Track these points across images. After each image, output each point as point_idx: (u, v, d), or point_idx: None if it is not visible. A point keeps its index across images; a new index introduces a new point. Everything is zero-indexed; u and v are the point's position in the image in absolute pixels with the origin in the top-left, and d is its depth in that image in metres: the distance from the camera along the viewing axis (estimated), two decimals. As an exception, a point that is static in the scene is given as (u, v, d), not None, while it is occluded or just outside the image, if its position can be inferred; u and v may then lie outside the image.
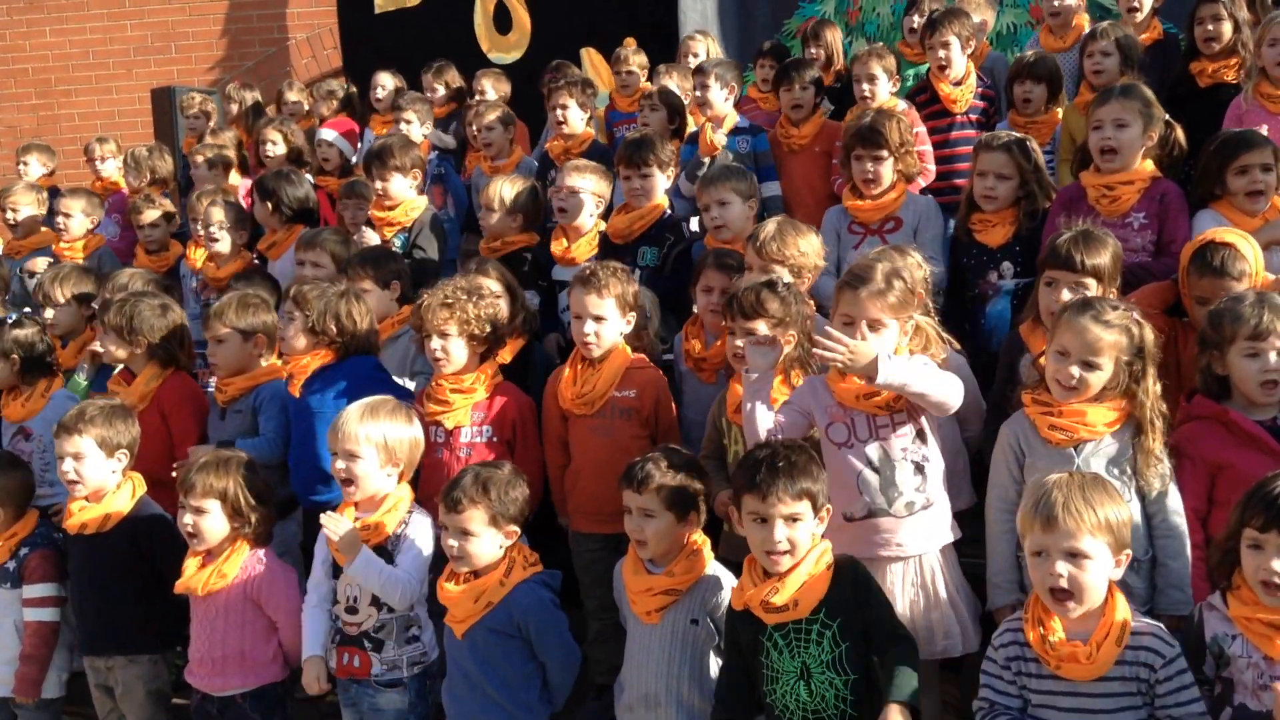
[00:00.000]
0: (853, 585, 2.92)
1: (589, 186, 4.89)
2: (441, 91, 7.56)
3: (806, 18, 9.25)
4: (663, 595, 3.11)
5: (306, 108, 8.42)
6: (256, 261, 5.91)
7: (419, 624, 3.53)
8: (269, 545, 3.72)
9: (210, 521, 3.58)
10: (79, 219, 6.50)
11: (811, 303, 3.64)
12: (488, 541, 3.23)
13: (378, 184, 5.36)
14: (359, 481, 3.45)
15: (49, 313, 5.15)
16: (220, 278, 5.64)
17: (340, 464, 3.45)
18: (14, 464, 4.17)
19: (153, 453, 4.18)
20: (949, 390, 3.11)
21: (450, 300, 3.83)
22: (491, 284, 4.15)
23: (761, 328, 3.39)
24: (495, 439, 3.91)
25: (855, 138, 4.48)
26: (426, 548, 3.48)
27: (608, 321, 3.77)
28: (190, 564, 3.64)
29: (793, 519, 2.84)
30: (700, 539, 3.16)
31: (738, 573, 3.08)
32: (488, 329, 3.90)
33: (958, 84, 5.62)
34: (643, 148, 4.75)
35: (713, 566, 3.16)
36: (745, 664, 2.99)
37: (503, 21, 9.45)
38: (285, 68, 11.66)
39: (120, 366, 4.56)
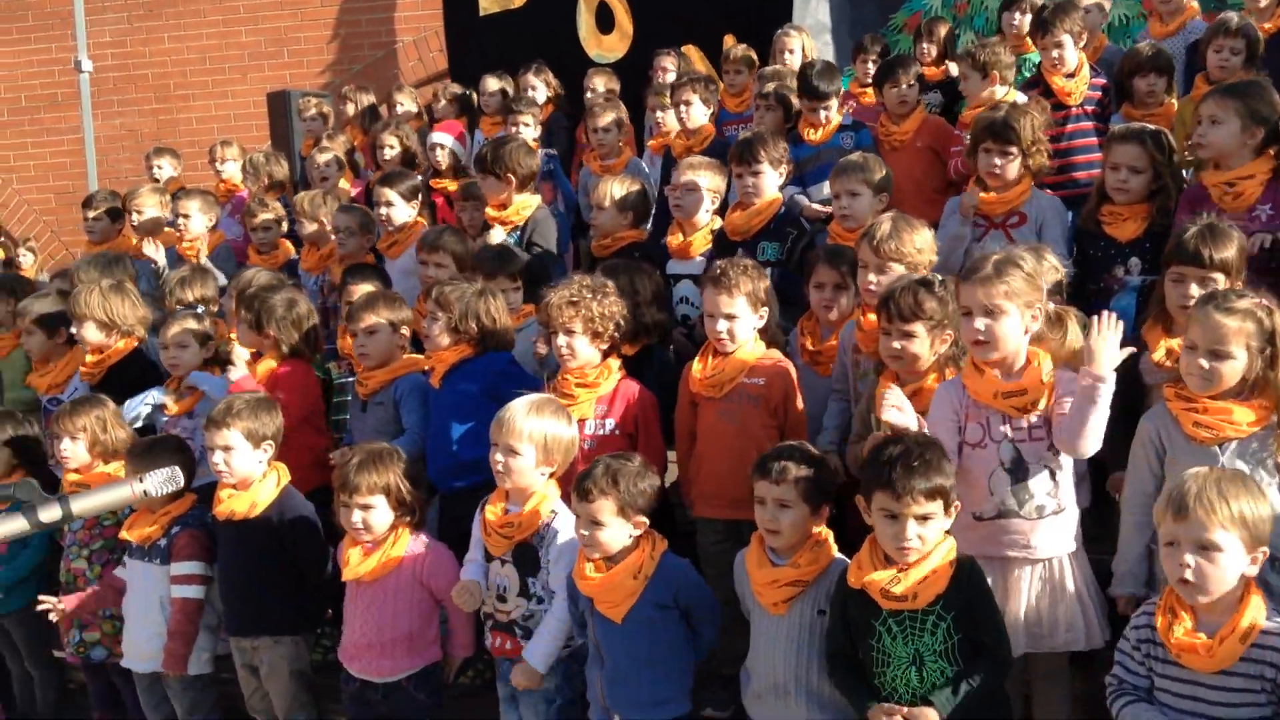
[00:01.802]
0: (969, 585, 2.96)
1: (705, 182, 4.99)
2: (543, 91, 7.70)
3: (913, 12, 9.26)
4: (789, 586, 3.18)
5: (416, 110, 8.65)
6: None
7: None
8: (424, 529, 3.89)
9: (377, 516, 3.76)
10: (197, 218, 6.74)
11: None
12: (616, 531, 3.34)
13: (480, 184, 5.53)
14: (514, 476, 3.59)
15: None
16: (343, 280, 5.84)
17: (499, 456, 3.59)
18: (179, 447, 4.38)
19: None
20: (1094, 443, 3.10)
21: (575, 299, 3.95)
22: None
23: (920, 329, 3.44)
24: (617, 431, 4.02)
25: (986, 131, 4.48)
26: (574, 546, 3.58)
27: (740, 319, 3.85)
28: (354, 553, 3.82)
29: (924, 518, 2.90)
30: (824, 531, 3.22)
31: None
32: (611, 327, 4.00)
33: (1071, 76, 5.59)
34: (753, 146, 4.82)
35: (838, 558, 3.22)
36: (852, 640, 3.05)
37: (605, 21, 9.55)
38: (393, 70, 11.94)
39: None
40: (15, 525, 2.06)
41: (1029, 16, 6.45)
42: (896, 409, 3.24)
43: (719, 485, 3.86)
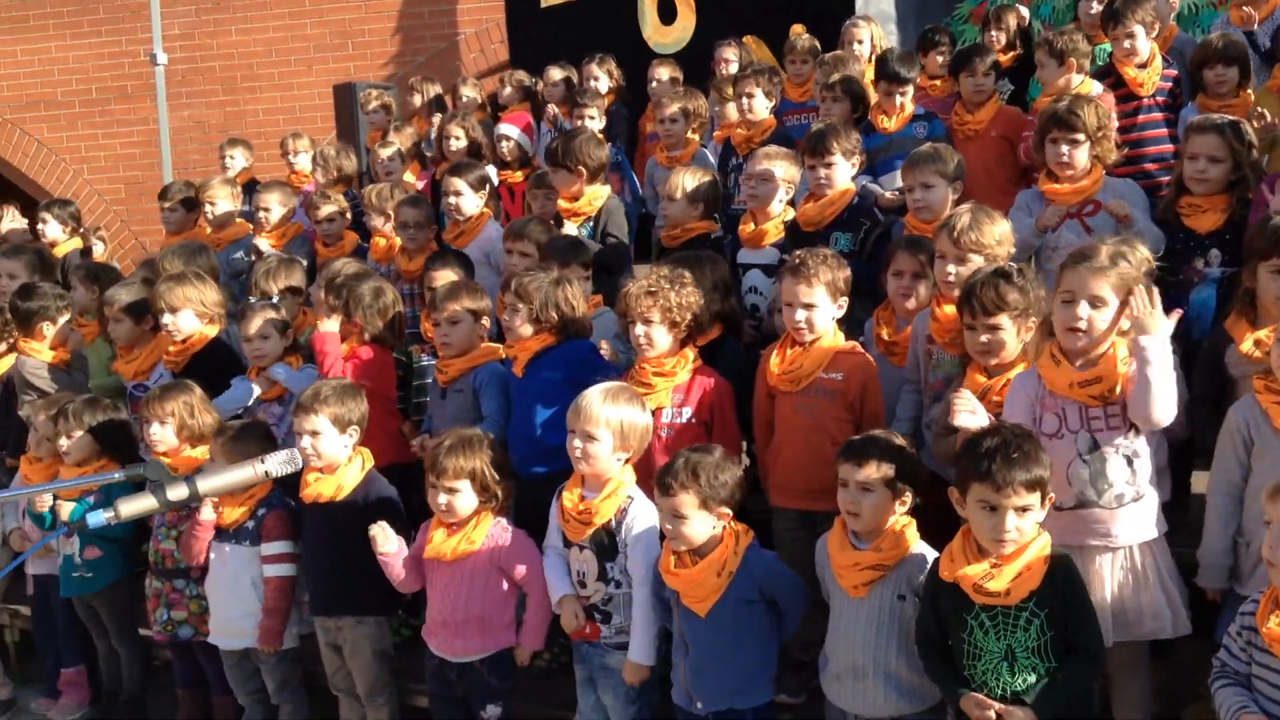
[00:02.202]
0: (1064, 582, 2.98)
1: (780, 172, 5.02)
2: (605, 81, 7.75)
3: (979, 1, 9.19)
4: (870, 570, 3.23)
5: (480, 101, 8.74)
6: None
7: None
8: (507, 515, 3.98)
9: (462, 500, 3.86)
10: (275, 210, 6.83)
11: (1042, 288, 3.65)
12: (699, 524, 3.39)
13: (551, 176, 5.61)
14: (592, 462, 3.66)
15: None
16: (412, 269, 5.95)
17: (577, 443, 3.66)
18: (266, 434, 4.53)
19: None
20: (1167, 407, 3.13)
21: (654, 289, 4.01)
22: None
23: (1005, 321, 3.47)
24: (694, 420, 4.08)
25: (1051, 121, 4.47)
26: (655, 535, 3.66)
27: (818, 309, 3.88)
28: (438, 533, 3.92)
29: (1023, 509, 2.93)
30: (906, 519, 3.26)
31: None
32: (689, 317, 4.05)
33: (1143, 67, 5.57)
34: (825, 138, 4.83)
35: (918, 545, 3.26)
36: (943, 629, 3.09)
37: (667, 11, 9.58)
38: (455, 62, 12.07)
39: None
40: (145, 503, 2.17)
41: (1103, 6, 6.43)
42: (970, 413, 3.29)
43: (794, 477, 3.90)
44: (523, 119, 7.62)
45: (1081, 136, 4.44)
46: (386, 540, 3.92)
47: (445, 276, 5.02)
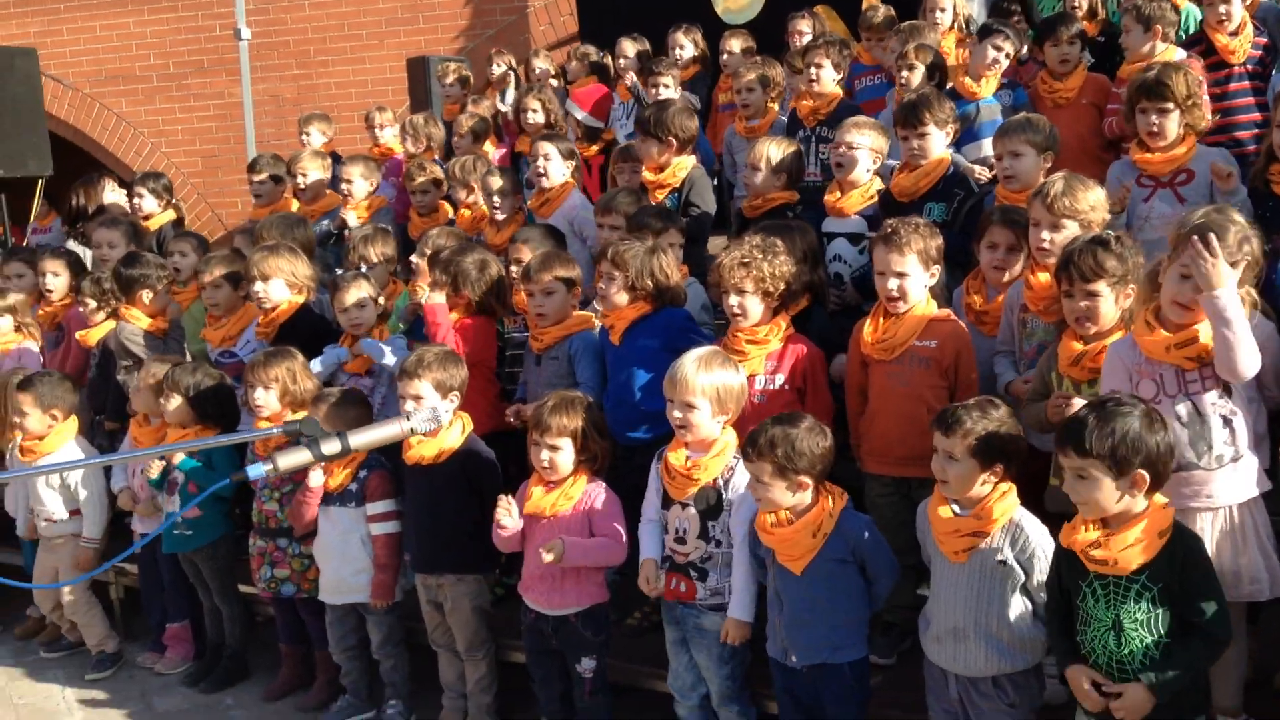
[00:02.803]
0: (1184, 558, 2.97)
1: (866, 142, 5.05)
2: (690, 50, 7.79)
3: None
4: (970, 536, 3.29)
5: (553, 73, 8.82)
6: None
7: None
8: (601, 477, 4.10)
9: (563, 457, 3.98)
10: (359, 183, 6.98)
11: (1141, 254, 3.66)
12: (778, 491, 3.47)
13: (639, 147, 5.68)
14: (693, 428, 3.76)
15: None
16: (498, 242, 6.06)
17: (677, 413, 3.76)
18: (360, 400, 4.70)
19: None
20: (1250, 357, 3.16)
21: (747, 259, 4.07)
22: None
23: (1103, 288, 3.51)
24: (786, 387, 4.15)
25: (1140, 90, 4.46)
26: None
27: (910, 277, 3.92)
28: (536, 490, 4.05)
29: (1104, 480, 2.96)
30: (1005, 486, 3.31)
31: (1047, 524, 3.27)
32: (781, 287, 4.12)
33: (1235, 34, 5.52)
34: (919, 108, 4.84)
35: (1019, 512, 3.31)
36: (1067, 600, 3.14)
37: (738, -19, 9.57)
38: (524, 35, 12.14)
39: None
40: (300, 457, 2.29)
41: (1186, -28, 6.39)
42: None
43: (888, 444, 3.96)
44: (595, 93, 7.68)
45: (1171, 105, 4.43)
46: (511, 519, 4.02)
47: (533, 247, 5.12)
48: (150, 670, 5.42)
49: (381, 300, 5.34)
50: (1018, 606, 3.29)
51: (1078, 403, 3.41)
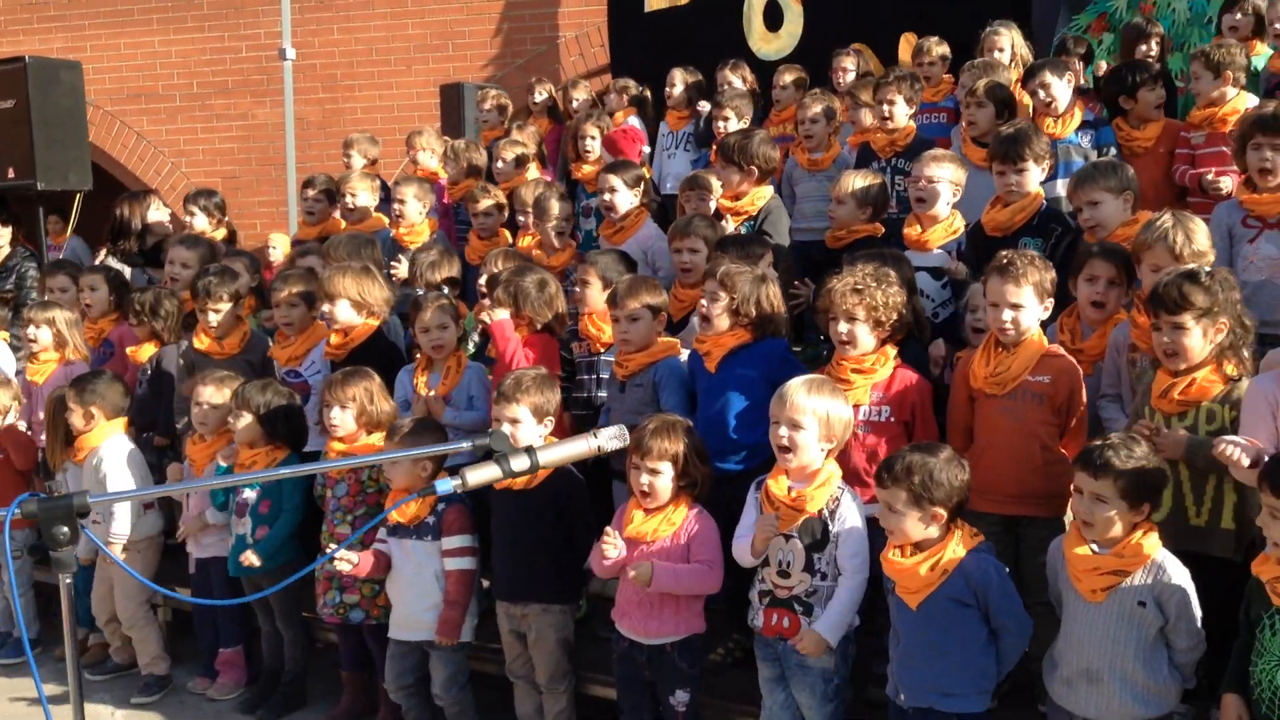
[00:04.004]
0: None
1: (946, 175, 5.03)
2: (739, 85, 7.79)
3: (1098, 13, 9.16)
4: (1110, 575, 3.20)
5: (590, 102, 8.80)
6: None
7: (846, 594, 3.74)
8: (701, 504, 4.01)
9: (662, 481, 3.89)
10: (412, 204, 6.89)
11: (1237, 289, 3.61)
12: (911, 520, 3.39)
13: (719, 175, 5.64)
14: (798, 450, 3.68)
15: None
16: (554, 265, 6.00)
17: (783, 431, 3.68)
18: (435, 428, 4.58)
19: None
20: None
21: (860, 286, 4.01)
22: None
23: (1189, 321, 3.46)
24: (893, 419, 4.07)
25: (1255, 126, 4.42)
26: (863, 535, 3.69)
27: (1025, 309, 3.86)
28: (636, 514, 3.96)
29: None
30: (1147, 524, 3.24)
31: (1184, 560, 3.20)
32: (894, 317, 4.06)
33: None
34: (1019, 143, 4.81)
35: (1160, 552, 3.23)
36: (1250, 631, 3.07)
37: (773, 18, 9.61)
38: (554, 65, 12.18)
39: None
40: (490, 473, 2.21)
41: (1251, 17, 6.41)
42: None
43: (999, 481, 3.85)
44: (634, 138, 7.68)
45: None
46: (616, 550, 3.91)
47: (602, 271, 5.06)
48: (202, 695, 5.27)
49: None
50: (1156, 650, 3.21)
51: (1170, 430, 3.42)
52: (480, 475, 2.20)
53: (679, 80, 8.06)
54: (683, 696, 4.02)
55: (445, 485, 2.18)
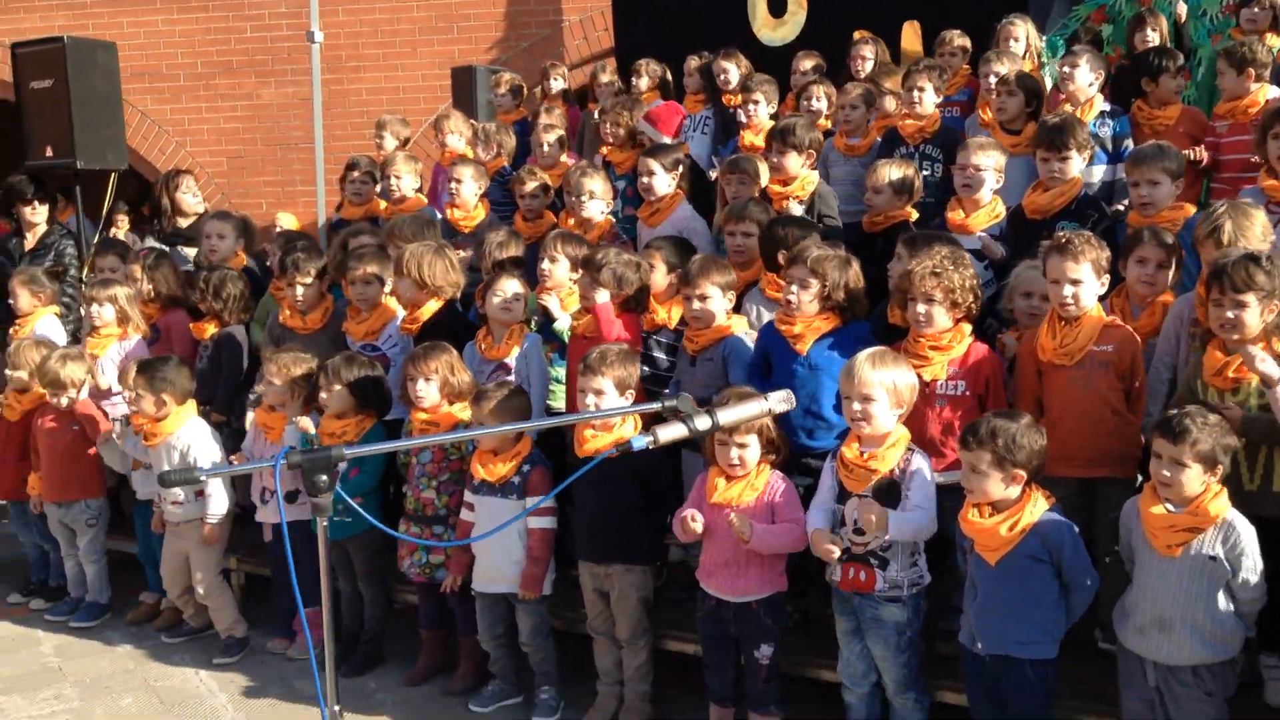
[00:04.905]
0: None
1: (990, 163, 5.30)
2: (735, 74, 7.93)
3: (1097, 5, 9.45)
4: (1185, 532, 3.50)
5: (616, 87, 8.99)
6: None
7: (919, 550, 4.04)
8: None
9: (751, 453, 4.18)
10: (469, 185, 6.96)
11: None
12: (994, 482, 3.68)
13: (776, 159, 5.88)
14: (873, 421, 3.96)
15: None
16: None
17: (856, 406, 3.96)
18: (521, 392, 4.86)
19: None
20: None
21: (938, 269, 4.27)
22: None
23: (1251, 300, 3.77)
24: (968, 392, 4.33)
25: (1275, 116, 4.72)
26: (932, 484, 3.98)
27: (1084, 284, 4.14)
28: (719, 481, 4.24)
29: None
30: (1219, 486, 3.53)
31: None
32: (970, 297, 4.32)
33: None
34: (1064, 131, 5.08)
35: (1230, 512, 3.52)
36: None
37: (777, 4, 9.81)
38: (558, 48, 12.35)
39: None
40: (677, 431, 2.47)
41: (1269, 11, 6.73)
42: (1261, 360, 3.60)
43: (1075, 446, 4.11)
44: (672, 111, 7.88)
45: None
46: (698, 524, 4.17)
47: (666, 256, 5.28)
48: (282, 655, 5.49)
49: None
50: (1223, 601, 3.52)
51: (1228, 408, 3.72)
52: (670, 433, 2.45)
53: (694, 66, 8.27)
54: (766, 650, 4.30)
55: (640, 441, 2.43)
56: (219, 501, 5.48)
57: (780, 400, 2.59)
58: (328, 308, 5.94)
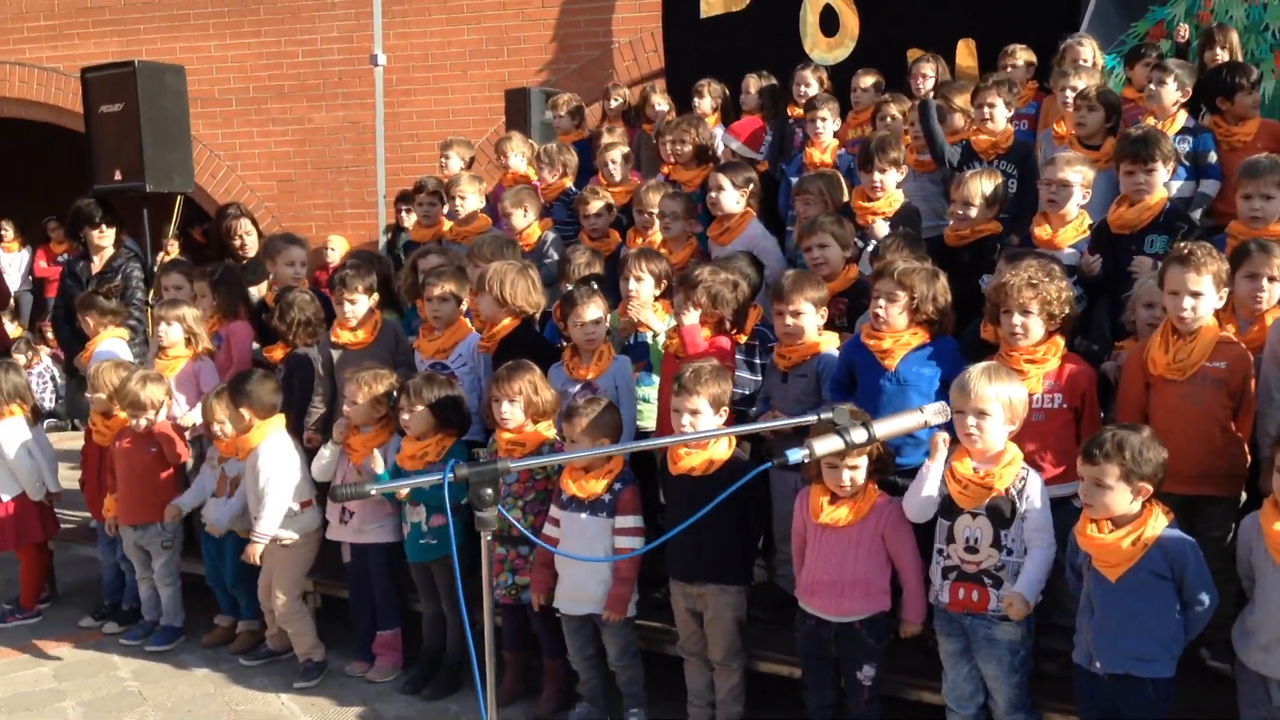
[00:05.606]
0: None
1: (1077, 179, 5.23)
2: (815, 87, 7.89)
3: (1155, 21, 9.40)
4: (1311, 548, 3.44)
5: (669, 108, 8.99)
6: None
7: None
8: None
9: (861, 474, 4.14)
10: (518, 213, 6.97)
11: None
12: (1119, 495, 3.61)
13: (875, 176, 5.86)
14: (985, 436, 3.90)
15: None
16: (674, 263, 6.19)
17: (970, 420, 3.90)
18: (612, 408, 4.79)
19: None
20: None
21: (1035, 281, 4.22)
22: None
23: None
24: (1064, 405, 4.28)
25: None
26: (1047, 510, 3.92)
27: (1204, 297, 4.08)
28: (823, 500, 4.19)
29: None
30: (1345, 499, 3.47)
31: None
32: (1066, 310, 4.27)
33: None
34: (1149, 143, 5.02)
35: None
36: None
37: (828, 24, 9.80)
38: (607, 70, 12.38)
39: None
40: (833, 443, 2.42)
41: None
42: None
43: (1181, 462, 3.98)
44: (751, 124, 7.86)
45: None
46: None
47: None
48: (361, 678, 5.46)
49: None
50: (1353, 619, 3.44)
51: None
52: (826, 445, 2.41)
53: (753, 86, 8.26)
54: (869, 671, 4.23)
55: (796, 454, 2.39)
56: (267, 522, 5.46)
57: (935, 412, 2.54)
58: (376, 323, 5.95)
